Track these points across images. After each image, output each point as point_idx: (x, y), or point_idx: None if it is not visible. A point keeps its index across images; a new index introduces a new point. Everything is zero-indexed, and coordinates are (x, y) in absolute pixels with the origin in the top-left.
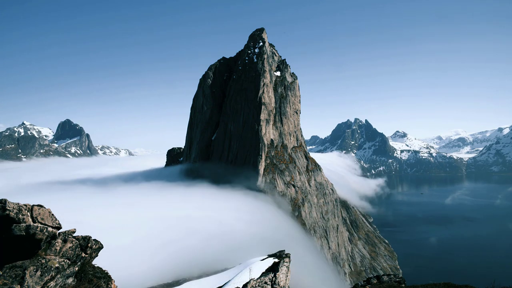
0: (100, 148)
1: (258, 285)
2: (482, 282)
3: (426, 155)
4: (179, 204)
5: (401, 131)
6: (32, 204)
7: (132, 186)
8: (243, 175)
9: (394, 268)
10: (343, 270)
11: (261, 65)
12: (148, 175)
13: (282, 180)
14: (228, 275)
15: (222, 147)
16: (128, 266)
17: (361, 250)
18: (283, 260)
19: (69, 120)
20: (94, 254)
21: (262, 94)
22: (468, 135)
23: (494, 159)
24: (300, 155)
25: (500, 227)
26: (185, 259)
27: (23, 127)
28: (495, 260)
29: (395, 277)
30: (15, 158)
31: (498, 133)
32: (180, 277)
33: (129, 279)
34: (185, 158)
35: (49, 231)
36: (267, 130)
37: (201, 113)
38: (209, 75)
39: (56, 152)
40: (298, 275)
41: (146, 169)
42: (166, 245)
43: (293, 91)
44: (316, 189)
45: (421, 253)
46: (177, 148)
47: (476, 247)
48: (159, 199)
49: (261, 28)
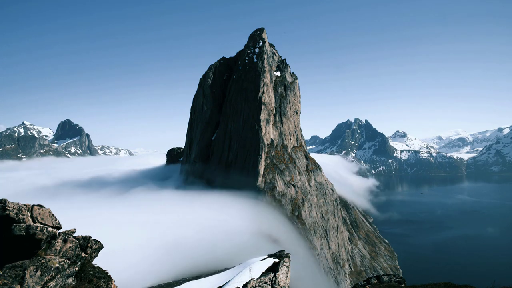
0: (100, 148)
1: (258, 285)
2: (482, 282)
3: (426, 155)
4: (179, 205)
5: (401, 131)
6: (32, 204)
7: (131, 188)
8: (243, 175)
9: (394, 268)
10: (343, 270)
11: (261, 65)
12: (148, 175)
13: (282, 180)
14: (228, 275)
15: (222, 147)
16: (128, 266)
17: (361, 250)
18: (283, 260)
19: (69, 120)
20: (94, 254)
21: (262, 94)
22: (468, 135)
23: (494, 159)
24: (300, 155)
25: (500, 227)
26: (184, 259)
27: (23, 127)
28: (495, 260)
29: (395, 277)
30: (15, 158)
31: (498, 133)
32: (180, 277)
33: (129, 279)
34: (185, 158)
35: (49, 231)
36: (267, 130)
37: (201, 113)
38: (209, 75)
39: (56, 152)
40: (296, 277)
41: (146, 170)
42: (166, 245)
43: (293, 91)
44: (316, 189)
45: (421, 253)
46: (177, 148)
47: (476, 247)
48: (159, 200)
49: (261, 28)
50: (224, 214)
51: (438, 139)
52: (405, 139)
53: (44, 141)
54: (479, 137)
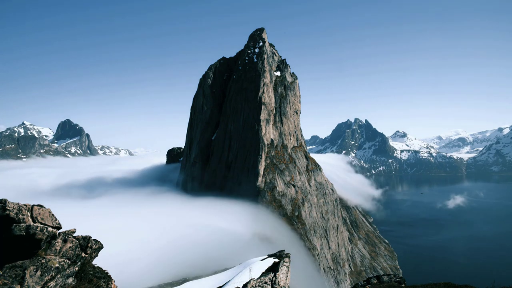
0: (100, 148)
1: (258, 285)
2: (482, 282)
3: (426, 155)
4: (178, 205)
5: (401, 131)
6: (32, 204)
7: (131, 188)
8: (243, 175)
9: (394, 268)
10: (343, 270)
11: (261, 65)
12: (148, 176)
13: (282, 180)
14: (228, 275)
15: (222, 147)
16: (128, 266)
17: (361, 250)
18: (283, 260)
19: (69, 120)
20: (94, 254)
21: (262, 94)
22: (468, 135)
23: (494, 159)
24: (300, 155)
25: (500, 227)
26: (185, 259)
27: (23, 127)
28: (495, 260)
29: (395, 277)
30: (15, 158)
31: (498, 133)
32: (180, 277)
33: (129, 279)
34: (185, 158)
35: (49, 231)
36: (267, 130)
37: (201, 113)
38: (209, 75)
39: (56, 152)
40: (296, 277)
41: (146, 170)
42: (166, 245)
43: (293, 91)
44: (316, 189)
45: (421, 253)
46: (177, 148)
47: (476, 247)
48: (158, 200)
49: (261, 28)
50: (224, 214)
51: (438, 139)
52: (405, 139)
53: (44, 141)
54: (479, 137)
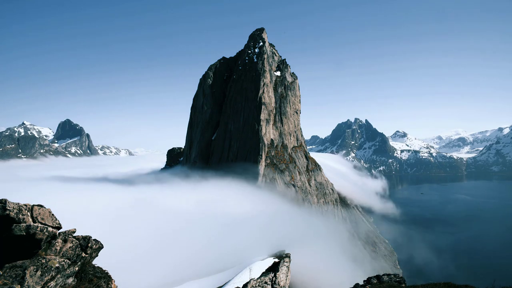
0: (100, 148)
1: (258, 285)
2: (482, 282)
3: (426, 155)
4: (179, 205)
5: (401, 131)
6: (32, 204)
7: (130, 187)
8: (243, 175)
9: (394, 268)
10: None
11: (261, 65)
12: (147, 176)
13: (282, 180)
14: (228, 275)
15: (222, 147)
16: (128, 266)
17: (361, 250)
18: (283, 260)
19: (69, 120)
20: (94, 254)
21: (262, 94)
22: (468, 135)
23: (494, 159)
24: (300, 155)
25: (500, 227)
26: (185, 259)
27: (23, 127)
28: (495, 260)
29: (395, 277)
30: (15, 158)
31: (498, 133)
32: (180, 277)
33: (129, 279)
34: (185, 158)
35: (49, 231)
36: (267, 130)
37: (201, 113)
38: (209, 75)
39: (56, 152)
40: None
41: (146, 170)
42: (166, 245)
43: (293, 91)
44: (316, 189)
45: (421, 253)
46: (177, 148)
47: (476, 247)
48: (159, 200)
49: (261, 28)
50: (224, 214)
51: (438, 139)
52: (405, 139)
53: (44, 141)
54: (479, 137)
